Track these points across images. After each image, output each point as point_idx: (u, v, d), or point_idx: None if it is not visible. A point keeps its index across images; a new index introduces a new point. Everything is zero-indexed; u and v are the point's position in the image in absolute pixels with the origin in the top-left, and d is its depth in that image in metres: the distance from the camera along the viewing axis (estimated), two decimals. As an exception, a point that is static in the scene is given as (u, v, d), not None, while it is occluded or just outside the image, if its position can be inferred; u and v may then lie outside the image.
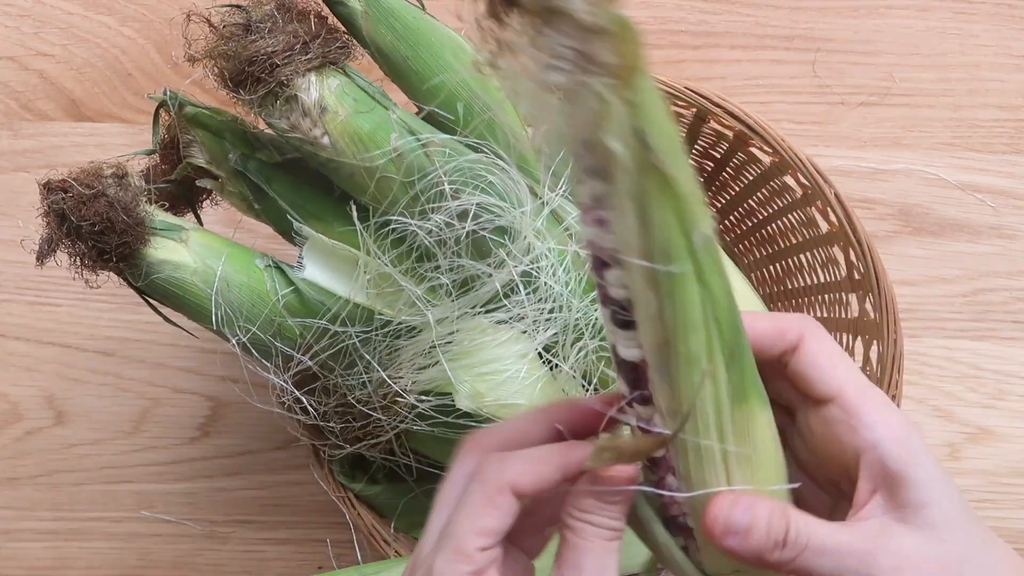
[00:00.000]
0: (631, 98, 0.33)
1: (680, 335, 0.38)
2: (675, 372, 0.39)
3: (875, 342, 0.68)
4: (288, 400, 0.64)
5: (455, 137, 0.61)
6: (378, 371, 0.62)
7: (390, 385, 0.62)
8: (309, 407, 0.64)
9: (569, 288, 0.62)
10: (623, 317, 0.39)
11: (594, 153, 0.35)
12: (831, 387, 0.43)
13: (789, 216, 0.74)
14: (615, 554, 0.42)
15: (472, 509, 0.41)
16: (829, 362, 0.44)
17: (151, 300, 0.63)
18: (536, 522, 0.45)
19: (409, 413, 0.63)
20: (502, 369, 0.62)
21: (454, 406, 0.61)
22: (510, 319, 0.61)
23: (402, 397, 0.62)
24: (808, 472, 0.46)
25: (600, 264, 0.39)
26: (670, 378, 0.39)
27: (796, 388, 0.45)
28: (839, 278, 0.71)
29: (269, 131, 0.62)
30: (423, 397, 0.62)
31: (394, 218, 0.59)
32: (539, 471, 0.41)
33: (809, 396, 0.44)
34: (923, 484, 0.41)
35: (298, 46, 0.56)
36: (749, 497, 0.41)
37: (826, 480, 0.46)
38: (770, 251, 0.79)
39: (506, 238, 0.60)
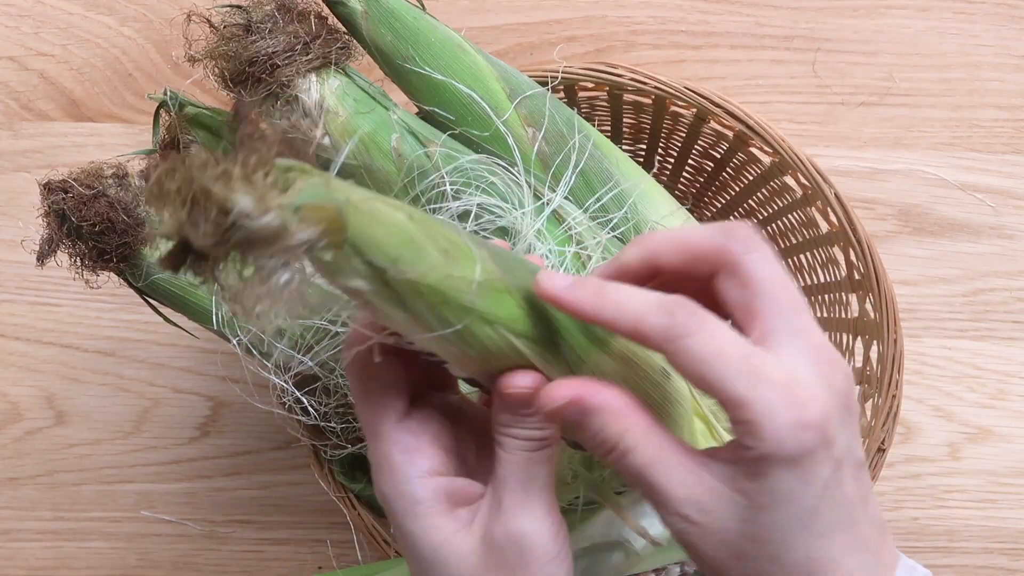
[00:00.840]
0: (346, 241, 0.34)
1: (494, 363, 0.41)
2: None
3: (875, 342, 0.68)
4: (288, 400, 0.64)
5: (454, 134, 0.61)
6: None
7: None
8: (310, 408, 0.64)
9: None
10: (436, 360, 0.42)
11: (351, 294, 0.37)
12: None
13: (789, 216, 0.74)
14: (541, 465, 0.42)
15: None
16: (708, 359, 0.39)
17: (151, 301, 0.63)
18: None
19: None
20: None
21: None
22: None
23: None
24: None
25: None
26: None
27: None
28: (839, 278, 0.71)
29: (269, 132, 0.62)
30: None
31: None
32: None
33: None
34: (772, 493, 0.38)
35: (299, 47, 0.56)
36: (592, 393, 0.40)
37: None
38: (770, 251, 0.79)
39: (507, 239, 0.60)
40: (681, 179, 0.82)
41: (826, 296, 0.74)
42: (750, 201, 0.78)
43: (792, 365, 0.39)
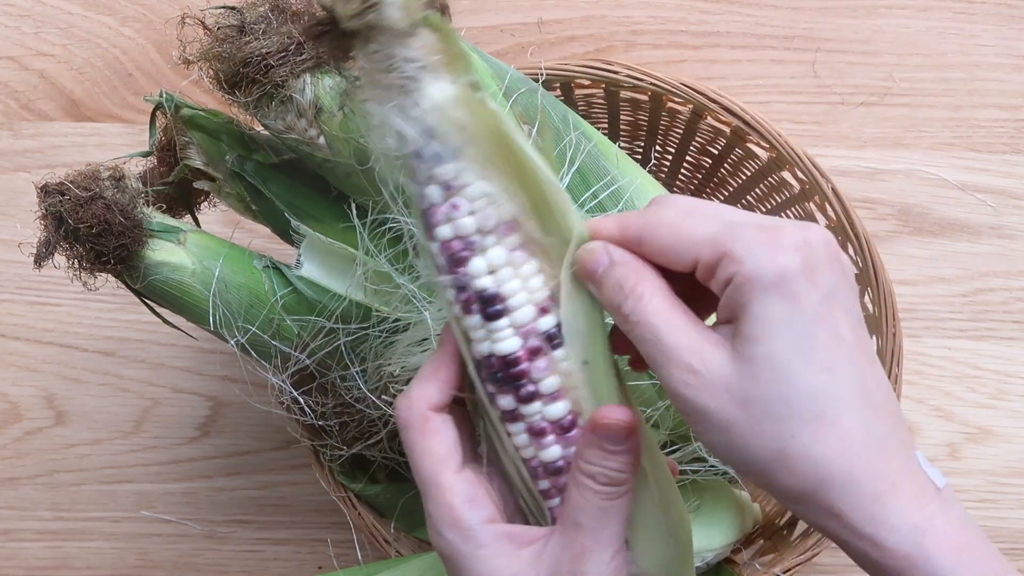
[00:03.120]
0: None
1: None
2: None
3: (874, 336, 0.68)
4: (287, 400, 0.64)
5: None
6: (372, 369, 0.62)
7: (385, 383, 0.62)
8: (307, 408, 0.64)
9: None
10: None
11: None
12: (685, 257, 0.41)
13: (788, 211, 0.74)
14: (617, 512, 0.43)
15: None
16: (674, 230, 0.41)
17: (149, 302, 0.63)
18: None
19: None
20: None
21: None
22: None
23: (395, 394, 0.62)
24: None
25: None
26: None
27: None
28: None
29: (265, 132, 0.62)
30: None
31: (390, 216, 0.59)
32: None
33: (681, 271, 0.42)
34: (759, 319, 0.39)
35: (292, 47, 0.56)
36: (620, 251, 0.42)
37: None
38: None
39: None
40: (679, 175, 0.82)
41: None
42: (748, 197, 0.78)
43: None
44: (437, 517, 0.44)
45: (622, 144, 0.79)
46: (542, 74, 0.68)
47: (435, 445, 0.44)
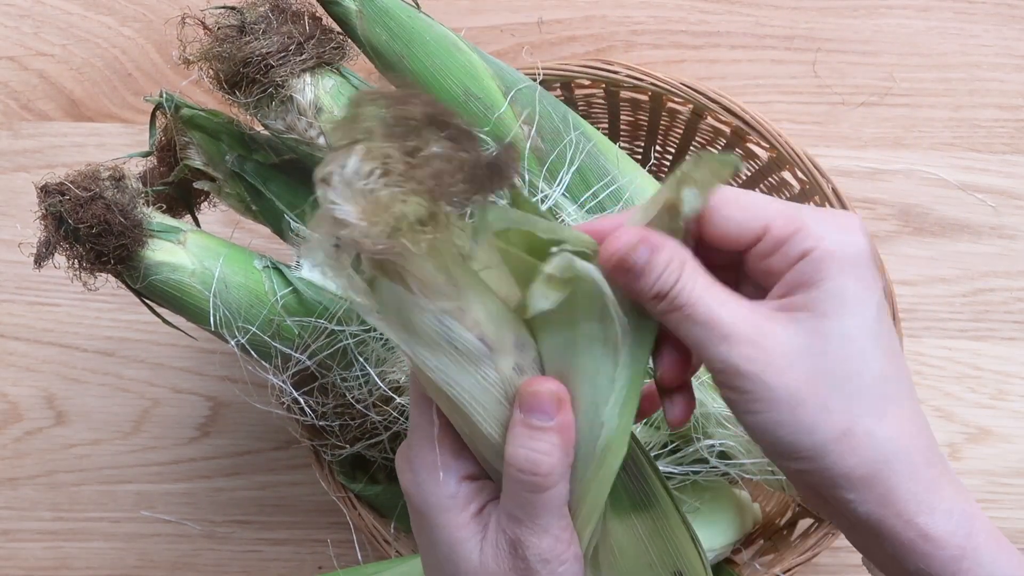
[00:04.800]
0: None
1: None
2: None
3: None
4: (287, 401, 0.64)
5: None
6: (370, 371, 0.62)
7: (388, 394, 0.62)
8: (307, 408, 0.64)
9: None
10: None
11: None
12: (752, 229, 0.40)
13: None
14: (546, 507, 0.42)
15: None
16: (739, 201, 0.41)
17: (149, 302, 0.63)
18: None
19: (402, 415, 0.63)
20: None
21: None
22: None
23: (395, 396, 0.62)
24: None
25: None
26: None
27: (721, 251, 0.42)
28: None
29: (265, 132, 0.62)
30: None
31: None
32: None
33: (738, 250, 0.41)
34: (837, 296, 0.38)
35: (292, 47, 0.56)
36: (657, 235, 0.40)
37: None
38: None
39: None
40: (680, 177, 0.82)
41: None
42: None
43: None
44: (417, 460, 0.43)
45: (622, 144, 0.79)
46: (539, 74, 0.68)
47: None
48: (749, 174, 0.75)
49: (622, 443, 0.41)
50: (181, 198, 0.67)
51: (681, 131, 0.75)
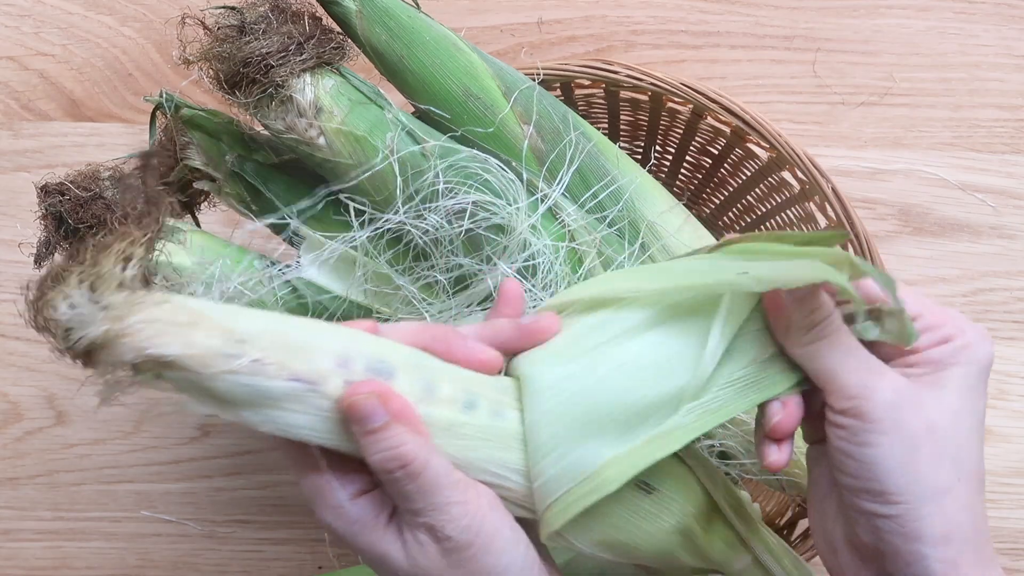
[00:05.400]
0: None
1: None
2: None
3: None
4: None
5: (450, 135, 0.61)
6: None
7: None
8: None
9: (566, 283, 0.62)
10: None
11: None
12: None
13: (788, 211, 0.74)
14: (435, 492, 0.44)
15: None
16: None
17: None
18: None
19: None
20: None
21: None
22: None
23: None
24: None
25: None
26: None
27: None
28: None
29: (265, 132, 0.62)
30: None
31: (390, 216, 0.59)
32: None
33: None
34: (964, 378, 0.43)
35: (292, 47, 0.56)
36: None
37: None
38: (769, 248, 0.79)
39: (502, 235, 0.60)
40: (679, 175, 0.82)
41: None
42: (748, 197, 0.78)
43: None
44: (311, 500, 0.45)
45: (622, 144, 0.79)
46: (539, 74, 0.68)
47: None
48: (749, 174, 0.75)
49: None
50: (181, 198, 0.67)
51: (681, 131, 0.75)
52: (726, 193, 0.80)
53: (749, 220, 0.79)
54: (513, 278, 0.56)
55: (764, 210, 0.77)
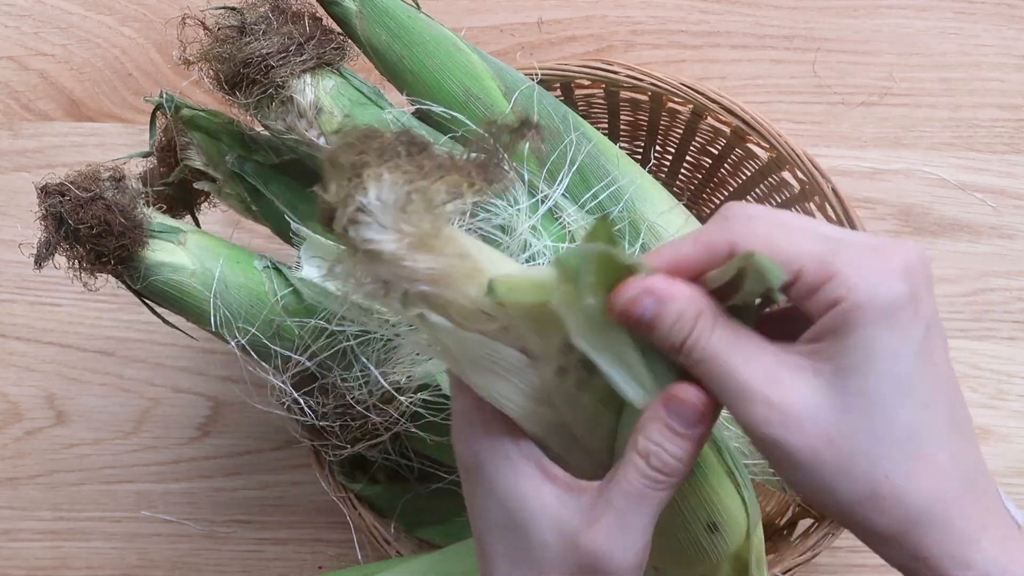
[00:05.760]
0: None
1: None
2: None
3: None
4: (288, 401, 0.64)
5: (450, 135, 0.61)
6: (372, 371, 0.62)
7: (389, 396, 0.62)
8: (307, 409, 0.64)
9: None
10: None
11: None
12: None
13: (788, 211, 0.74)
14: (651, 504, 0.40)
15: None
16: (770, 243, 0.37)
17: (150, 302, 0.63)
18: None
19: (402, 416, 0.63)
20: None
21: (449, 404, 0.61)
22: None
23: (397, 396, 0.62)
24: None
25: None
26: None
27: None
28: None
29: (265, 133, 0.62)
30: (418, 395, 0.62)
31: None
32: None
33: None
34: (863, 351, 0.36)
35: (293, 47, 0.56)
36: (667, 284, 0.37)
37: None
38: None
39: (503, 236, 0.60)
40: (679, 175, 0.82)
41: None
42: (748, 197, 0.78)
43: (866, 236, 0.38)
44: (466, 425, 0.42)
45: (622, 144, 0.79)
46: (537, 75, 0.68)
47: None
48: (749, 174, 0.75)
49: None
50: (181, 198, 0.67)
51: (681, 131, 0.75)
52: (726, 193, 0.80)
53: (749, 220, 0.79)
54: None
55: (764, 210, 0.77)
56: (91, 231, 0.57)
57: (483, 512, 0.42)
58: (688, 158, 0.79)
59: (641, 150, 0.81)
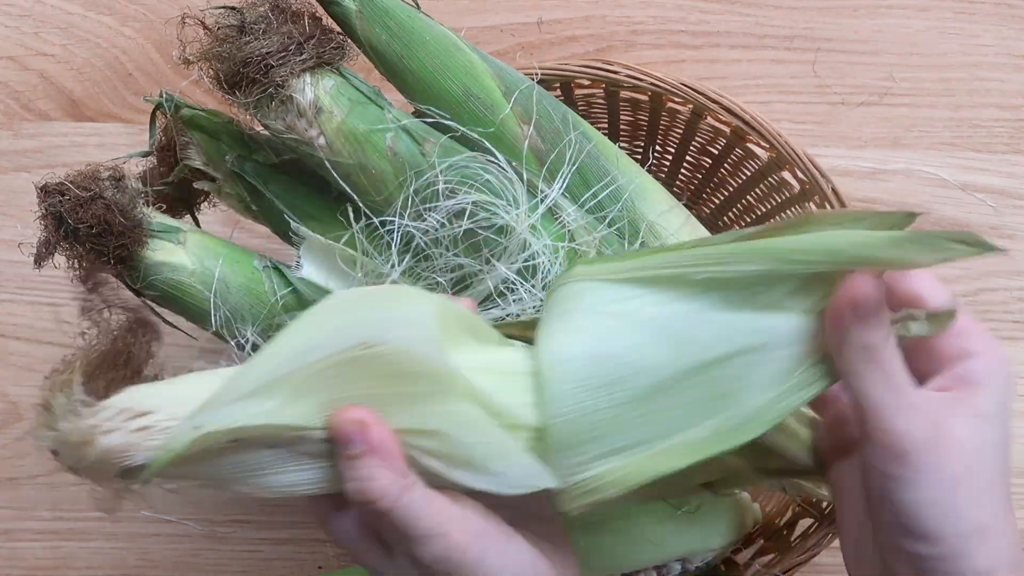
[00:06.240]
0: None
1: None
2: None
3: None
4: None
5: (450, 135, 0.61)
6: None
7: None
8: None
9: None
10: None
11: None
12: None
13: (788, 211, 0.74)
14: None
15: None
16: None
17: (150, 302, 0.63)
18: None
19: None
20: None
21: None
22: (506, 316, 0.61)
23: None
24: None
25: None
26: None
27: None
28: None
29: (265, 132, 0.62)
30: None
31: (390, 219, 0.59)
32: None
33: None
34: (993, 403, 0.42)
35: (292, 47, 0.56)
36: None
37: None
38: (770, 248, 0.79)
39: (502, 236, 0.60)
40: (679, 175, 0.82)
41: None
42: (748, 197, 0.78)
43: None
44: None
45: (622, 144, 0.79)
46: (537, 75, 0.68)
47: None
48: (749, 174, 0.75)
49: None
50: (181, 198, 0.67)
51: (681, 131, 0.75)
52: (726, 193, 0.80)
53: (749, 220, 0.79)
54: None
55: (764, 210, 0.77)
56: (91, 230, 0.57)
57: None
58: (688, 158, 0.79)
59: (641, 150, 0.81)
